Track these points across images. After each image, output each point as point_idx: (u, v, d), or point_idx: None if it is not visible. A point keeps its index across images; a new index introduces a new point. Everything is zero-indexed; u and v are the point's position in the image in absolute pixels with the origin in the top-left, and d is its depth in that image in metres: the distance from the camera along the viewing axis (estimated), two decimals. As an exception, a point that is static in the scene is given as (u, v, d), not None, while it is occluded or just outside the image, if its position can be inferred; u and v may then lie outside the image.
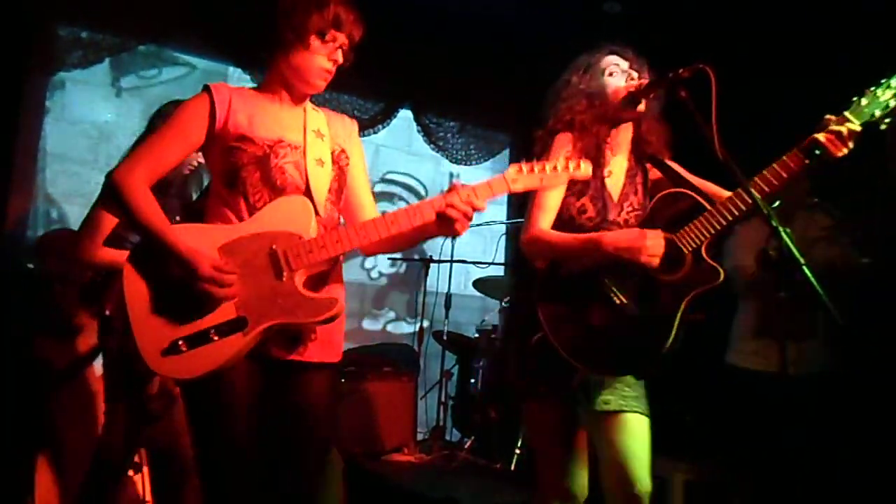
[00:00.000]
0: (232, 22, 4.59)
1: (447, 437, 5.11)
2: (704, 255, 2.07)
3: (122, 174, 1.86)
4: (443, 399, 5.15)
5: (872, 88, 1.97)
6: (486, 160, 6.17)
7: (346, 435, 4.41)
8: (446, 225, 1.89)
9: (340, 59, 1.98)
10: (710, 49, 2.24)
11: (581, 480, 2.18)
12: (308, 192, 1.95)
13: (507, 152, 6.33)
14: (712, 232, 2.06)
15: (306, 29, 1.92)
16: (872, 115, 1.95)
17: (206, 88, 1.95)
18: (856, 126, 1.95)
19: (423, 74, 5.56)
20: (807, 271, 1.74)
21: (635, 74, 2.27)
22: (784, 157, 2.02)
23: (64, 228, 4.20)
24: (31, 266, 3.97)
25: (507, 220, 5.89)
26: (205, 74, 5.01)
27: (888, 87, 1.96)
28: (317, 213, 1.94)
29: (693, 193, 2.14)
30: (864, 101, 1.97)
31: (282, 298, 1.83)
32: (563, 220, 2.25)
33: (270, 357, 1.91)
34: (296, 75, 1.98)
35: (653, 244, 2.05)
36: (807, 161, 1.99)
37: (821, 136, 1.97)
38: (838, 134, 1.95)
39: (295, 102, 2.04)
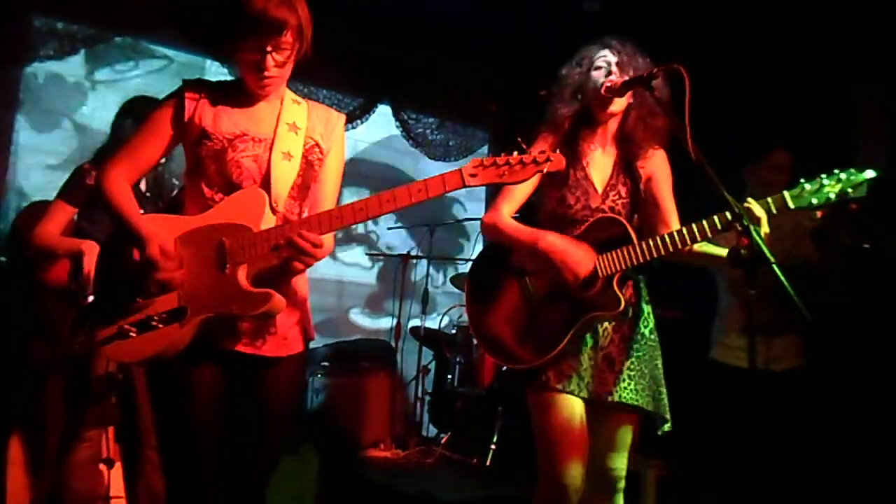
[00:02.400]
0: (209, 14, 4.55)
1: (423, 433, 5.13)
2: (614, 284, 2.17)
3: (102, 171, 1.96)
4: (419, 395, 5.17)
5: (821, 176, 2.01)
6: (464, 156, 6.17)
7: (322, 430, 4.41)
8: (288, 259, 1.84)
9: (271, 63, 1.89)
10: (690, 47, 2.26)
11: (580, 471, 2.21)
12: (266, 186, 1.93)
13: (485, 148, 6.35)
14: (627, 265, 2.16)
15: (224, 39, 1.91)
16: (810, 203, 2.01)
17: (182, 84, 1.98)
18: (771, 209, 2.03)
19: (402, 70, 5.56)
20: (776, 269, 1.77)
21: (616, 72, 2.28)
22: (714, 217, 2.07)
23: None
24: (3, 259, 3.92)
25: (486, 216, 5.90)
26: (181, 67, 4.96)
27: (837, 179, 2.00)
28: (274, 207, 1.92)
29: (626, 224, 2.22)
30: (808, 187, 2.02)
31: (220, 290, 1.83)
32: (547, 212, 2.34)
33: (227, 350, 1.91)
34: (243, 78, 1.96)
35: (581, 259, 2.16)
36: (729, 222, 2.02)
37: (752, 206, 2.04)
38: (755, 220, 2.01)
39: (263, 96, 2.01)
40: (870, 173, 1.98)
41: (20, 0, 4.24)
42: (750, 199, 2.06)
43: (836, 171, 2.01)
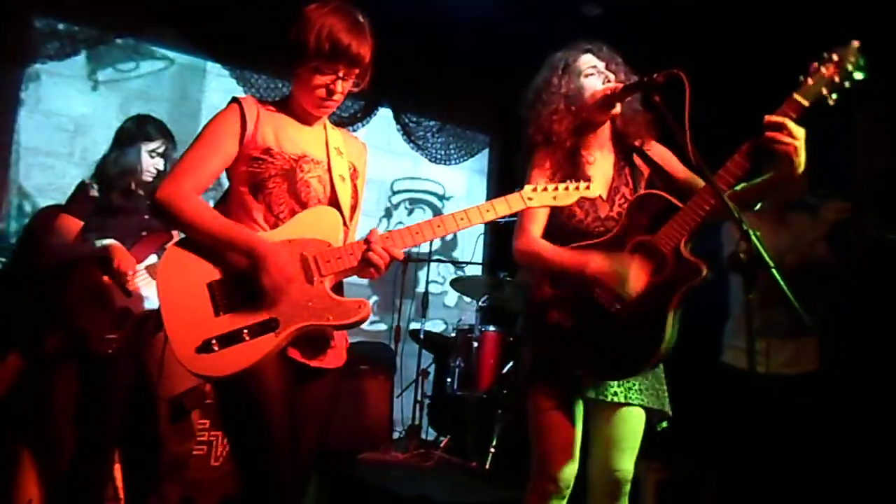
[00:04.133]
0: (210, 16, 4.56)
1: (423, 436, 5.12)
2: (683, 251, 2.09)
3: (167, 191, 1.90)
4: (419, 398, 5.16)
5: (816, 64, 1.97)
6: (465, 159, 6.18)
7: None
8: (366, 268, 1.94)
9: (339, 89, 1.98)
10: (689, 51, 2.26)
11: (572, 471, 2.23)
12: (337, 206, 2.01)
13: (486, 152, 6.35)
14: (687, 230, 2.09)
15: (301, 58, 1.94)
16: (820, 93, 1.96)
17: (236, 101, 1.99)
18: (791, 116, 1.95)
19: (403, 73, 5.55)
20: (775, 273, 1.76)
21: (612, 76, 2.30)
22: (748, 142, 2.01)
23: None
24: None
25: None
26: (182, 68, 4.97)
27: (829, 60, 1.96)
28: (344, 224, 2.01)
29: (664, 194, 2.18)
30: (810, 81, 1.97)
31: (312, 301, 1.89)
32: (556, 225, 2.30)
33: (291, 359, 1.94)
34: (300, 98, 2.03)
35: (632, 279, 2.10)
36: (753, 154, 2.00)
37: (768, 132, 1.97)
38: (779, 127, 1.95)
39: (312, 119, 2.09)
40: (855, 42, 1.96)
41: (22, 1, 4.25)
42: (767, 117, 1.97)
43: (823, 54, 1.97)
